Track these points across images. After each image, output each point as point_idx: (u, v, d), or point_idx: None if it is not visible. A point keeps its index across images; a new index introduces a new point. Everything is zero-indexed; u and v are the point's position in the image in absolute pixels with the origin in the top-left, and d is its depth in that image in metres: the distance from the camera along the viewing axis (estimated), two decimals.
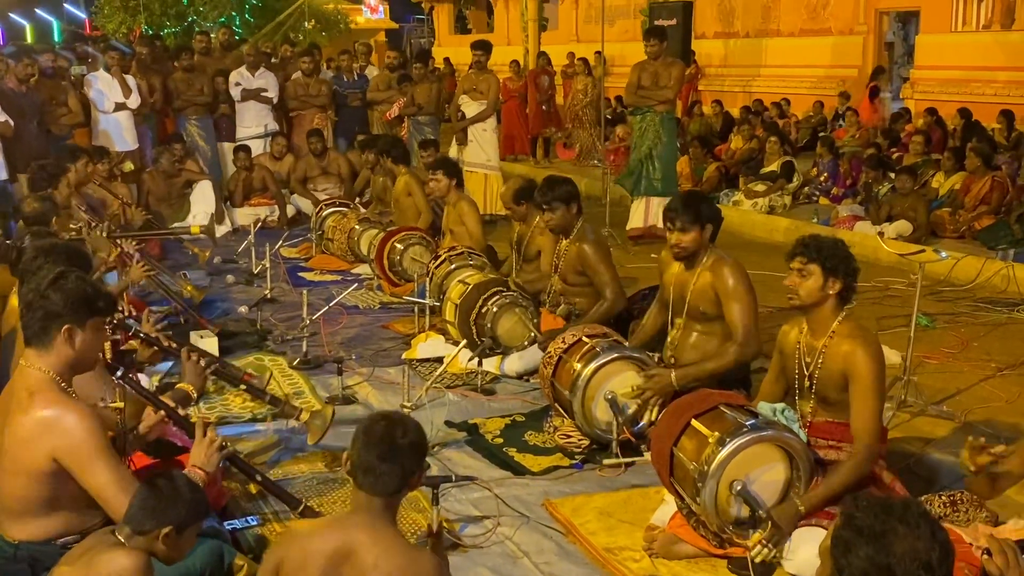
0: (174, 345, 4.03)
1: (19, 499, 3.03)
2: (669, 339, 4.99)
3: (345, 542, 2.63)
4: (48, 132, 9.69)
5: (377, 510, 2.69)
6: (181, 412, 3.39)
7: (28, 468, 2.97)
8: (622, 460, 4.52)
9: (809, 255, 3.72)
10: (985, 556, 3.13)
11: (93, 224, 6.19)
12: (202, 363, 3.73)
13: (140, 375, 4.70)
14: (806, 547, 3.38)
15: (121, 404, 3.20)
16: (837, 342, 3.71)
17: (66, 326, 3.01)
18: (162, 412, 3.31)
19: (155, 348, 4.02)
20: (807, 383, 3.83)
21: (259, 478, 3.68)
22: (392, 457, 2.66)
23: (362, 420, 2.79)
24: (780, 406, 3.90)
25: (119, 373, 3.21)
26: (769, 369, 4.15)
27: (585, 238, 5.80)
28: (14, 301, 4.19)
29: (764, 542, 3.47)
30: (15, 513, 3.05)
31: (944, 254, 5.94)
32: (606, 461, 4.56)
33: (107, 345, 3.45)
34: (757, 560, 3.45)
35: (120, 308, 4.66)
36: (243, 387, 4.31)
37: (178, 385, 3.42)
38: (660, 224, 9.18)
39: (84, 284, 3.08)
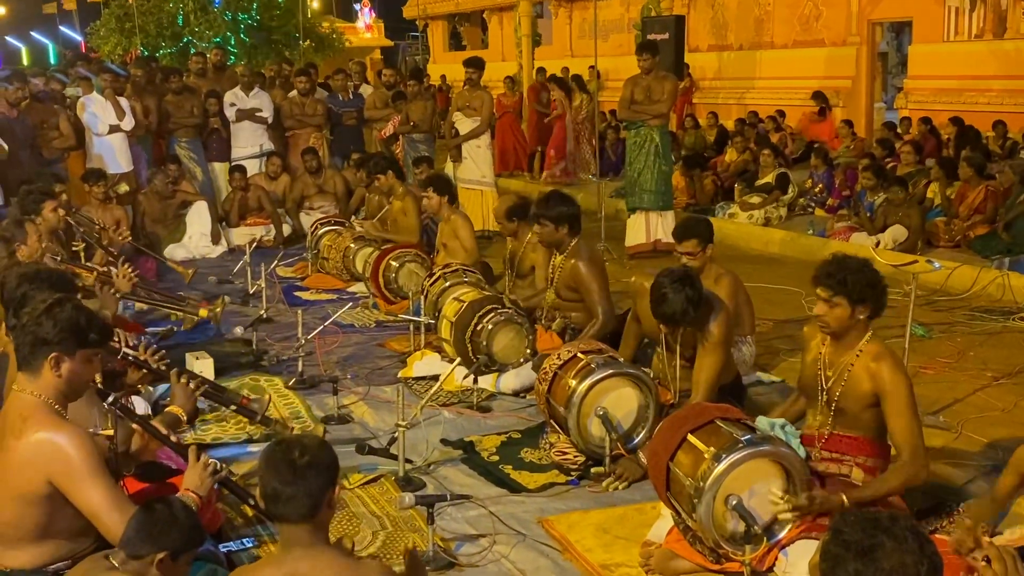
0: (164, 367, 4.00)
1: (13, 526, 3.02)
2: (656, 359, 5.03)
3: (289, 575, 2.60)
4: (40, 156, 9.69)
5: (306, 538, 2.64)
6: (174, 438, 3.37)
7: (23, 493, 2.96)
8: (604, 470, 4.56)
9: (834, 288, 3.71)
10: (984, 563, 3.13)
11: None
12: (192, 385, 3.71)
13: (137, 397, 4.71)
14: (804, 562, 3.37)
15: (112, 431, 3.20)
16: (864, 361, 3.72)
17: (53, 354, 3.01)
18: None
19: (144, 370, 4.00)
20: (824, 396, 3.84)
21: (252, 501, 3.67)
22: (295, 479, 2.61)
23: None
24: (780, 421, 3.90)
25: (110, 399, 3.20)
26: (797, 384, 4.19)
27: (579, 254, 5.81)
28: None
29: (791, 504, 3.45)
30: (8, 540, 3.04)
31: (937, 264, 5.95)
32: (593, 470, 4.60)
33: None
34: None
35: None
36: (234, 408, 4.29)
37: (168, 409, 3.41)
38: (664, 239, 9.21)
39: (78, 314, 3.07)
